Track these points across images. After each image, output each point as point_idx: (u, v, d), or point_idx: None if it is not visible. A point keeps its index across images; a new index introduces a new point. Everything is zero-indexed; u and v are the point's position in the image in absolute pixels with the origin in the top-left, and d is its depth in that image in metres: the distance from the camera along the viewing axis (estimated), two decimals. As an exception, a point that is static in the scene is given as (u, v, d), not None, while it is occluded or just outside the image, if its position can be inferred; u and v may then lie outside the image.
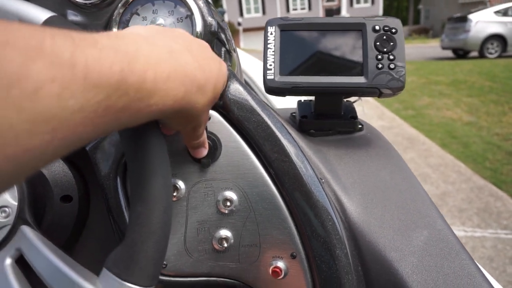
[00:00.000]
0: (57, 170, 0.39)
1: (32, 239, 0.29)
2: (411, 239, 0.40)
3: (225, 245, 0.39)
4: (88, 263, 0.30)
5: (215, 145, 0.39)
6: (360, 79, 0.47)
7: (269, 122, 0.39)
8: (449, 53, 9.83)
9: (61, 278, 0.28)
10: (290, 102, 1.06)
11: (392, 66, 0.47)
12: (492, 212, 2.41)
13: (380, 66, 0.48)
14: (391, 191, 0.45)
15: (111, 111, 0.20)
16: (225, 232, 0.40)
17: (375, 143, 0.52)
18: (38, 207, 0.36)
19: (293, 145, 0.40)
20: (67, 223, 0.38)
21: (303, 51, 0.49)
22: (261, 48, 0.51)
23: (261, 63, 0.81)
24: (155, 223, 0.27)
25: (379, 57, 0.48)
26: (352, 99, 0.59)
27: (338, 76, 0.48)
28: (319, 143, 0.51)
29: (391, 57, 0.48)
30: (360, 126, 0.55)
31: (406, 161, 0.51)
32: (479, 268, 0.37)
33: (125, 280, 0.26)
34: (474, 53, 8.94)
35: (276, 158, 0.39)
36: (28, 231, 0.30)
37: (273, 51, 0.49)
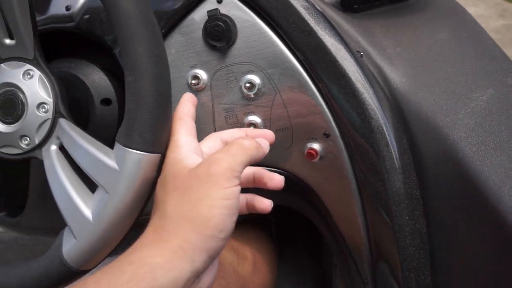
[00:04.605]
0: (95, 77, 0.42)
1: (65, 128, 0.33)
2: (470, 101, 0.33)
3: None
4: None
5: (228, 26, 0.36)
6: None
7: None
8: None
9: (86, 155, 0.31)
10: None
11: None
12: None
13: None
14: (448, 52, 0.37)
15: None
16: (253, 118, 0.38)
17: (433, 5, 0.43)
18: (82, 110, 0.40)
19: (314, 12, 0.35)
20: (110, 124, 0.41)
21: None
22: None
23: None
24: (146, 90, 0.27)
25: None
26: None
27: None
28: (363, 17, 0.44)
29: None
30: (416, -11, 0.45)
31: None
32: None
33: (127, 147, 0.27)
34: None
35: (293, 29, 0.35)
36: (63, 122, 0.33)
37: None
